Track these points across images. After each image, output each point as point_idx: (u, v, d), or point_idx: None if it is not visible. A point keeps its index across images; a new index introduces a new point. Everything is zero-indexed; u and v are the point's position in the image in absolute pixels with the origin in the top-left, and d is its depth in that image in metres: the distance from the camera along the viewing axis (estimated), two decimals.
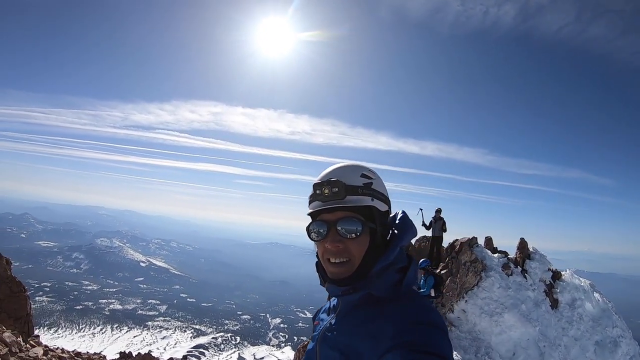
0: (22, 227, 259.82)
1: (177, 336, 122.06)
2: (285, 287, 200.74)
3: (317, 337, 2.22)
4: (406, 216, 2.26)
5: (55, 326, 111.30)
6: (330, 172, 2.21)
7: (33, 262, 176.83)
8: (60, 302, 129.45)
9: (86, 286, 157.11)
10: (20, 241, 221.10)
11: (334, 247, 2.19)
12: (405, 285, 2.22)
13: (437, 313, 2.23)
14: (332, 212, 2.20)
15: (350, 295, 2.19)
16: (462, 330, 15.85)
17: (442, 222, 18.71)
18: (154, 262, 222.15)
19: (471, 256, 17.72)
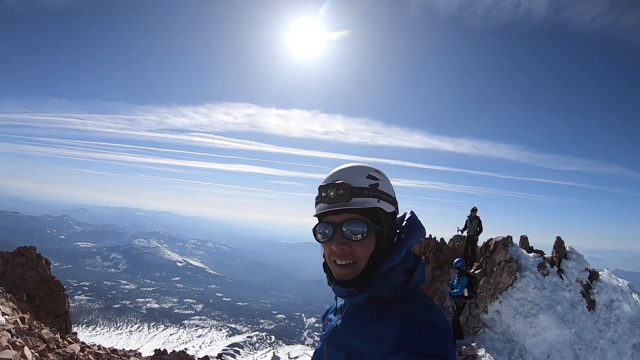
0: (61, 229, 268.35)
1: (212, 335, 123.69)
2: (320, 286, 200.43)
3: (324, 337, 2.22)
4: (414, 217, 2.24)
5: (94, 324, 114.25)
6: (336, 174, 2.20)
7: (72, 262, 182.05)
8: (99, 300, 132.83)
9: (124, 285, 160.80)
10: (60, 242, 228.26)
11: (339, 249, 2.18)
12: (412, 286, 2.20)
13: (440, 314, 2.21)
14: (337, 214, 2.19)
15: (356, 297, 2.19)
16: (495, 332, 15.57)
17: (478, 221, 18.42)
18: (190, 262, 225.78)
19: (506, 256, 17.39)
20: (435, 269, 19.87)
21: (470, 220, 18.41)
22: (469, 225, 18.42)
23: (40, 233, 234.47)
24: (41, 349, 14.90)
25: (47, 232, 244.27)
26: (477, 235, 18.66)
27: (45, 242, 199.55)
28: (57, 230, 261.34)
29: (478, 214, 18.49)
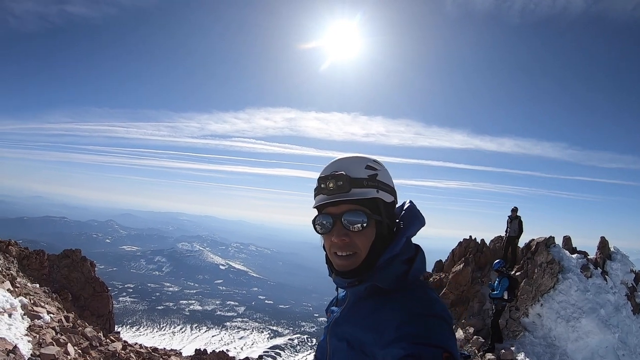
0: (107, 233, 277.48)
1: (254, 337, 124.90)
2: None
3: (327, 328, 2.23)
4: (413, 206, 2.22)
5: (138, 325, 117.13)
6: (335, 165, 2.17)
7: (117, 265, 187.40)
8: (143, 302, 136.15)
9: (167, 288, 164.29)
10: (106, 246, 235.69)
11: (340, 240, 2.16)
12: (412, 276, 2.18)
13: (441, 304, 2.18)
14: (337, 205, 2.16)
15: (357, 287, 2.17)
16: (536, 336, 15.18)
17: (519, 221, 18.02)
18: (233, 265, 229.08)
19: (548, 257, 16.95)
20: (475, 270, 19.56)
21: (511, 220, 18.03)
22: (509, 225, 18.04)
23: (87, 237, 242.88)
24: (84, 346, 15.37)
25: (93, 236, 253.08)
26: (518, 236, 18.25)
27: (91, 245, 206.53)
28: (103, 234, 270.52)
29: (519, 214, 18.08)
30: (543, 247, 17.37)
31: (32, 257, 23.54)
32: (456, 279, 19.23)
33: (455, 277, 19.28)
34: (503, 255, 18.38)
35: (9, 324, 13.49)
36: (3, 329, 12.87)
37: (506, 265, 15.88)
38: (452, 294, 19.04)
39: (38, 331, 14.19)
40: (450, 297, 19.02)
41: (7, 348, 11.25)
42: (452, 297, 18.99)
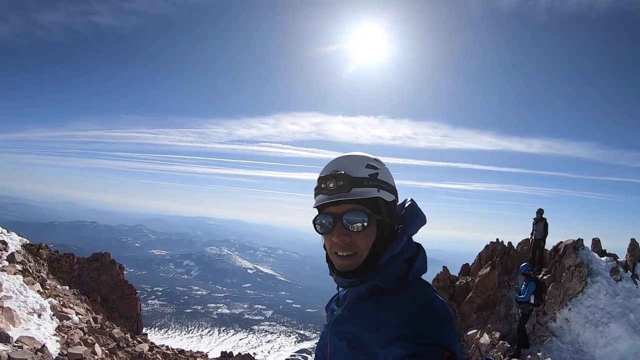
0: (136, 237, 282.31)
1: (281, 340, 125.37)
2: None
3: (328, 327, 2.22)
4: (414, 205, 2.20)
5: (166, 327, 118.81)
6: (335, 164, 2.15)
7: (147, 268, 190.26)
8: (171, 305, 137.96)
9: (196, 291, 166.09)
10: (135, 250, 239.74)
11: (340, 240, 2.14)
12: (413, 275, 2.15)
13: (442, 303, 2.15)
14: (337, 205, 2.14)
15: (358, 287, 2.15)
16: (564, 341, 14.87)
17: (544, 223, 17.68)
18: (261, 269, 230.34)
19: (576, 260, 16.60)
20: (502, 274, 19.29)
21: (536, 222, 17.71)
22: (535, 228, 17.73)
23: (117, 241, 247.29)
24: (111, 346, 15.65)
25: (122, 240, 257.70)
26: (543, 239, 17.92)
27: (121, 249, 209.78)
28: (133, 238, 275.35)
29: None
30: (571, 249, 17.03)
31: (62, 260, 24.10)
32: (482, 283, 19.00)
33: (482, 280, 19.05)
34: (530, 259, 18.06)
35: (38, 324, 13.86)
36: (32, 329, 13.23)
37: (533, 269, 15.59)
38: (478, 298, 18.81)
39: (66, 331, 14.52)
40: (476, 301, 18.79)
41: (36, 347, 11.54)
42: (479, 301, 18.76)
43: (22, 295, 15.15)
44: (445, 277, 21.65)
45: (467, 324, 18.55)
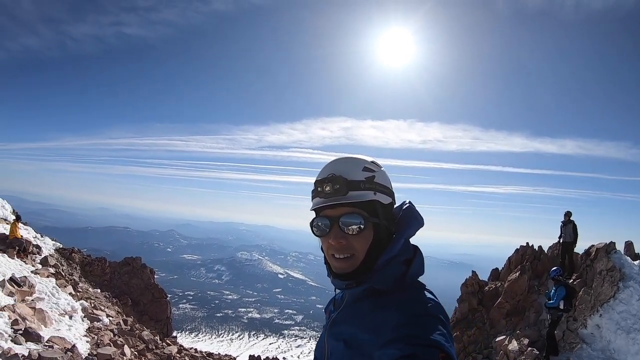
0: (168, 242, 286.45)
1: (311, 345, 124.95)
2: None
3: (325, 329, 2.24)
4: (411, 207, 2.22)
5: (196, 331, 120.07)
6: (332, 167, 2.16)
7: (178, 273, 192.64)
8: (202, 309, 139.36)
9: (227, 296, 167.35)
10: (167, 254, 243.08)
11: (337, 243, 2.15)
12: (410, 277, 2.16)
13: (437, 304, 2.16)
14: (334, 208, 2.15)
15: (354, 289, 2.15)
16: (594, 349, 14.42)
17: (572, 226, 17.26)
18: (291, 274, 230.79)
19: (608, 264, 16.05)
20: (532, 278, 18.87)
21: (564, 225, 17.32)
22: (563, 231, 17.34)
23: (149, 246, 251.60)
24: (140, 348, 15.96)
25: (154, 245, 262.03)
26: (574, 242, 17.49)
27: (153, 254, 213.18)
28: (164, 243, 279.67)
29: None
30: (603, 253, 16.53)
31: (94, 264, 24.76)
32: (512, 288, 18.64)
33: (511, 285, 18.69)
34: (560, 263, 17.67)
35: (69, 325, 14.29)
36: (63, 330, 13.65)
37: (564, 273, 15.24)
38: (507, 304, 18.47)
39: (97, 332, 14.91)
40: (505, 307, 18.46)
41: (66, 347, 11.88)
42: (508, 306, 18.42)
43: (54, 297, 15.63)
44: (474, 282, 21.34)
45: (495, 330, 18.24)
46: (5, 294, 13.32)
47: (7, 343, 10.60)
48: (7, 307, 12.35)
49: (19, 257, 17.89)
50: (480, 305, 20.01)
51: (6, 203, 24.67)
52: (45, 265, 18.99)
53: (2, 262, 16.03)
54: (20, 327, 11.67)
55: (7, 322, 11.61)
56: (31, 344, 11.25)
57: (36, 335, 11.74)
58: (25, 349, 10.74)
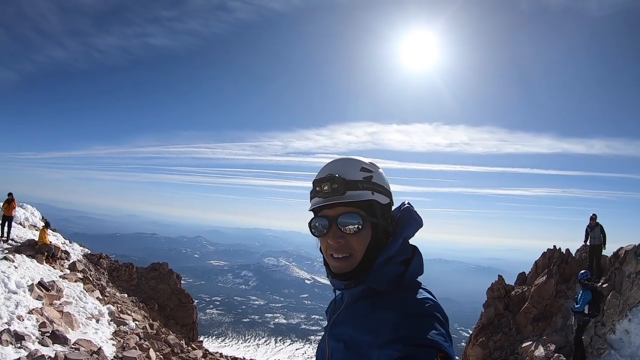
0: (195, 249, 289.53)
1: None
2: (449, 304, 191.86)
3: (326, 330, 2.25)
4: (409, 208, 2.24)
5: (223, 336, 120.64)
6: (330, 168, 2.19)
7: (205, 278, 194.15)
8: (229, 314, 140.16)
9: (253, 301, 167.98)
10: (194, 260, 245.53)
11: (335, 243, 2.14)
12: (408, 277, 2.15)
13: (434, 303, 2.15)
14: (332, 207, 2.15)
15: (353, 289, 2.17)
16: (622, 355, 14.04)
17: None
18: (318, 279, 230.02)
19: (637, 266, 15.54)
20: (559, 282, 18.52)
21: (591, 229, 16.99)
22: (590, 234, 17.01)
23: (176, 252, 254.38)
24: (166, 352, 16.18)
25: (182, 252, 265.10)
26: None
27: (180, 260, 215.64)
28: (192, 249, 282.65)
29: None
30: (632, 255, 16.06)
31: (122, 270, 25.23)
32: (539, 292, 18.32)
33: (538, 290, 18.38)
34: (588, 266, 17.31)
35: (96, 329, 14.61)
36: (90, 333, 13.96)
37: (592, 277, 14.93)
38: (534, 308, 18.16)
39: (123, 336, 15.19)
40: (532, 312, 18.15)
41: (92, 349, 12.12)
42: (535, 311, 18.10)
43: (82, 301, 16.00)
44: (500, 287, 21.02)
45: (522, 335, 17.92)
46: (34, 298, 13.73)
47: (34, 345, 10.92)
48: (35, 310, 12.72)
49: (48, 263, 18.41)
50: (507, 310, 19.71)
51: (35, 210, 25.43)
52: (73, 271, 19.48)
53: (31, 267, 16.51)
54: (47, 329, 12.01)
55: (35, 325, 11.97)
56: (58, 346, 11.54)
57: (63, 338, 12.04)
58: (52, 350, 11.02)
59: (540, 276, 19.15)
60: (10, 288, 13.35)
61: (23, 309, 12.47)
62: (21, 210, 23.29)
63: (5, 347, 10.18)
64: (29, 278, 14.93)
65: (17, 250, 17.80)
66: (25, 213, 23.91)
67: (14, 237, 19.56)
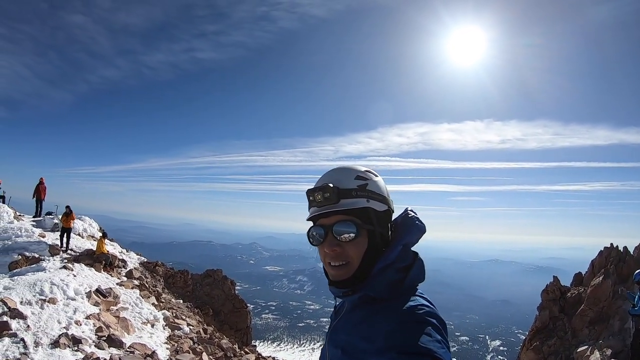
0: (251, 255, 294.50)
1: None
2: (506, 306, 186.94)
3: (326, 336, 2.27)
4: (409, 214, 2.22)
5: (278, 341, 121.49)
6: (324, 177, 2.22)
7: (261, 284, 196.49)
8: (284, 319, 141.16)
9: (309, 306, 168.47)
10: (250, 267, 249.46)
11: (331, 251, 2.21)
12: (407, 284, 2.20)
13: (429, 309, 2.19)
14: (328, 216, 2.21)
15: (351, 296, 2.21)
16: None
17: None
18: None
19: None
20: (617, 283, 17.65)
21: None
22: None
23: (232, 259, 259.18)
24: (218, 355, 16.51)
25: (237, 258, 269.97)
26: None
27: (236, 266, 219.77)
28: (247, 256, 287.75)
29: None
30: None
31: (177, 276, 26.03)
32: (595, 294, 17.52)
33: (594, 291, 17.58)
34: None
35: (151, 333, 15.16)
36: (145, 337, 14.50)
37: None
38: (590, 311, 17.37)
39: (177, 340, 15.67)
40: (588, 315, 17.37)
41: (146, 352, 12.60)
42: (591, 314, 17.31)
43: (138, 307, 16.62)
44: (556, 288, 20.27)
45: (578, 339, 17.15)
46: (91, 304, 14.41)
47: (90, 348, 11.49)
48: (92, 315, 13.36)
49: (105, 271, 19.23)
50: (562, 313, 19.00)
51: (93, 222, 26.61)
52: (130, 278, 20.26)
53: (89, 275, 17.29)
54: (104, 333, 12.59)
55: (92, 329, 12.59)
56: (113, 349, 12.08)
57: (119, 342, 12.56)
58: (108, 353, 11.55)
59: (596, 276, 18.35)
60: (69, 295, 14.09)
61: (81, 314, 13.15)
62: (79, 222, 24.43)
63: (63, 350, 10.80)
64: (87, 285, 15.68)
65: (76, 260, 18.68)
66: (84, 224, 25.07)
67: (73, 247, 20.56)
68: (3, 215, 22.52)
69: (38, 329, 11.52)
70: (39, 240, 19.90)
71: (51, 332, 11.55)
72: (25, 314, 11.89)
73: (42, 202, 25.21)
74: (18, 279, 14.17)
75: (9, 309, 11.74)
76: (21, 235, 19.90)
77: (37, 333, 11.31)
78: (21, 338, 10.78)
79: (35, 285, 13.73)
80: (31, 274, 15.29)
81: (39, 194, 24.77)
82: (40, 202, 25.06)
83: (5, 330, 10.88)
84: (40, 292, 13.48)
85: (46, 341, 11.10)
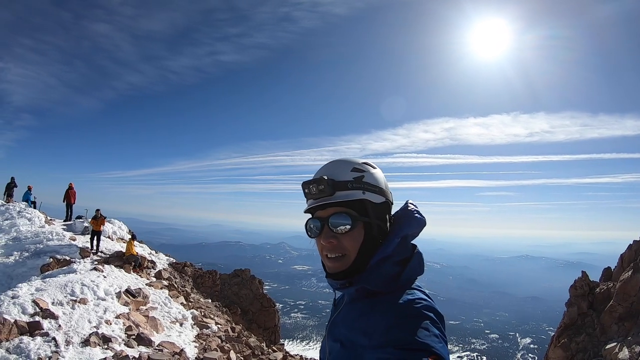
0: (279, 254, 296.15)
1: None
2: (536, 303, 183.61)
3: (326, 329, 2.27)
4: (410, 207, 2.22)
5: (308, 339, 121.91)
6: (320, 170, 2.21)
7: (290, 283, 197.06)
8: (313, 318, 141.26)
9: None
10: (278, 266, 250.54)
11: (327, 243, 2.19)
12: (405, 277, 2.17)
13: (427, 303, 2.16)
14: (324, 208, 2.20)
15: (348, 289, 2.18)
16: None
17: None
18: None
19: None
20: None
21: None
22: None
23: (260, 259, 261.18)
24: (246, 354, 16.67)
25: (266, 258, 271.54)
26: None
27: (264, 266, 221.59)
28: (276, 255, 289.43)
29: None
30: None
31: (206, 276, 26.34)
32: (624, 289, 17.05)
33: (624, 286, 17.11)
34: None
35: (180, 332, 15.41)
36: (174, 336, 14.75)
37: None
38: (620, 307, 16.90)
39: (205, 339, 15.88)
40: (618, 311, 16.91)
41: (175, 351, 12.82)
42: (620, 310, 16.85)
43: (167, 306, 16.92)
44: (584, 284, 19.80)
45: (607, 336, 16.74)
46: (121, 304, 14.74)
47: (120, 346, 11.82)
48: (122, 315, 13.69)
49: (135, 272, 19.63)
50: (591, 309, 18.58)
51: (122, 224, 27.17)
52: (159, 279, 20.63)
53: (118, 276, 17.68)
54: (133, 332, 12.91)
55: (122, 328, 12.92)
56: (142, 348, 12.37)
57: (148, 340, 12.83)
58: (137, 351, 11.83)
59: (625, 271, 17.89)
60: (99, 295, 14.46)
61: (111, 314, 13.50)
62: (109, 225, 24.99)
63: (93, 348, 11.12)
64: (116, 286, 16.06)
65: (106, 261, 19.15)
66: (113, 227, 25.62)
67: (103, 249, 21.05)
68: (34, 220, 23.25)
69: (69, 328, 11.90)
70: (70, 244, 20.48)
71: (82, 331, 11.92)
72: (56, 314, 12.28)
73: (72, 207, 26.09)
74: (50, 281, 14.61)
75: (41, 310, 12.16)
76: (52, 239, 20.51)
77: (68, 332, 11.68)
78: (53, 337, 11.15)
79: (66, 287, 14.13)
80: (62, 275, 15.76)
81: (69, 199, 25.62)
82: (70, 206, 25.92)
83: (38, 330, 11.28)
84: (72, 292, 13.90)
85: (77, 340, 11.46)
